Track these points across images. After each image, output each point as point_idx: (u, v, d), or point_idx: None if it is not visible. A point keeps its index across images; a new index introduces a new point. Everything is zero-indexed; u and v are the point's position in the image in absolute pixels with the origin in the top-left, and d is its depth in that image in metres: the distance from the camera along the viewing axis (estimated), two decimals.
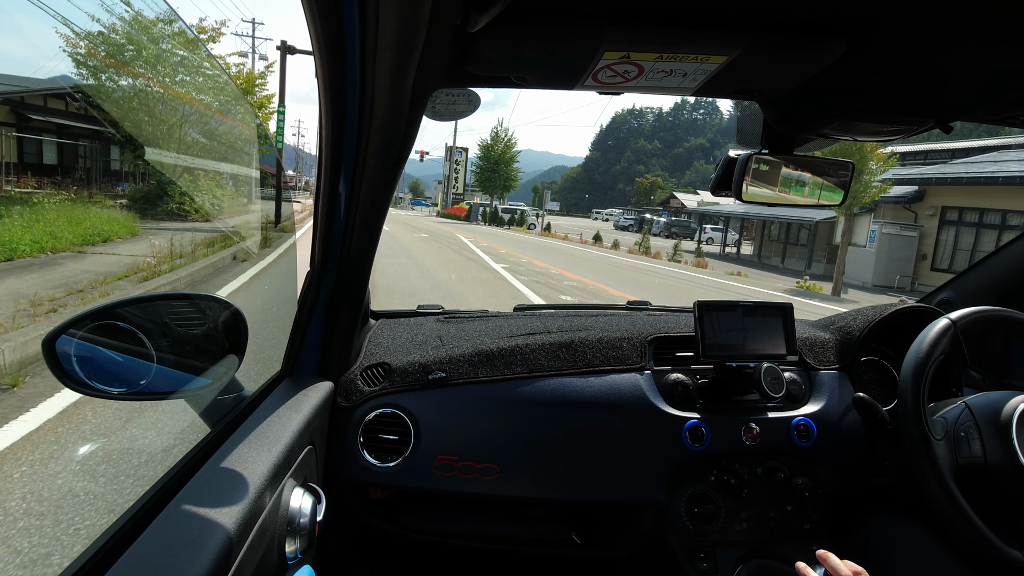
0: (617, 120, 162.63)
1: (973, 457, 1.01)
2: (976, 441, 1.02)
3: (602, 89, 0.96)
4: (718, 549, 1.23)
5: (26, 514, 2.00)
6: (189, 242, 7.47)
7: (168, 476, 0.71)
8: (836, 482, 1.29)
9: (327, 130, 0.87)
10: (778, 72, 0.89)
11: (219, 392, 0.92)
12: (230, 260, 7.45)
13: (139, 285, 5.22)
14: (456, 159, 51.79)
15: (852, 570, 0.86)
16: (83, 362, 0.68)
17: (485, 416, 1.19)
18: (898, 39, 0.79)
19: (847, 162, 1.09)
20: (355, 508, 1.25)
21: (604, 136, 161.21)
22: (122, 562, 0.54)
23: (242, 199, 13.02)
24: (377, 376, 1.22)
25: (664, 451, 1.20)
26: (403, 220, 33.01)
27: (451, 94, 1.09)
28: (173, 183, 10.93)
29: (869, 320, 1.40)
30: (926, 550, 1.14)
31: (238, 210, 12.62)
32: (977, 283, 1.52)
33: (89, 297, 4.60)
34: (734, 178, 1.05)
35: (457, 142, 53.89)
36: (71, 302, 4.37)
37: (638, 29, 0.75)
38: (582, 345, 1.28)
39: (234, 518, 0.62)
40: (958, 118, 0.99)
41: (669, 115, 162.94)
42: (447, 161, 52.20)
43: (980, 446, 1.01)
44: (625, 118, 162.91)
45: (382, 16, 0.66)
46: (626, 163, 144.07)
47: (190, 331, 0.84)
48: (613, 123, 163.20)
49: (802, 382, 1.34)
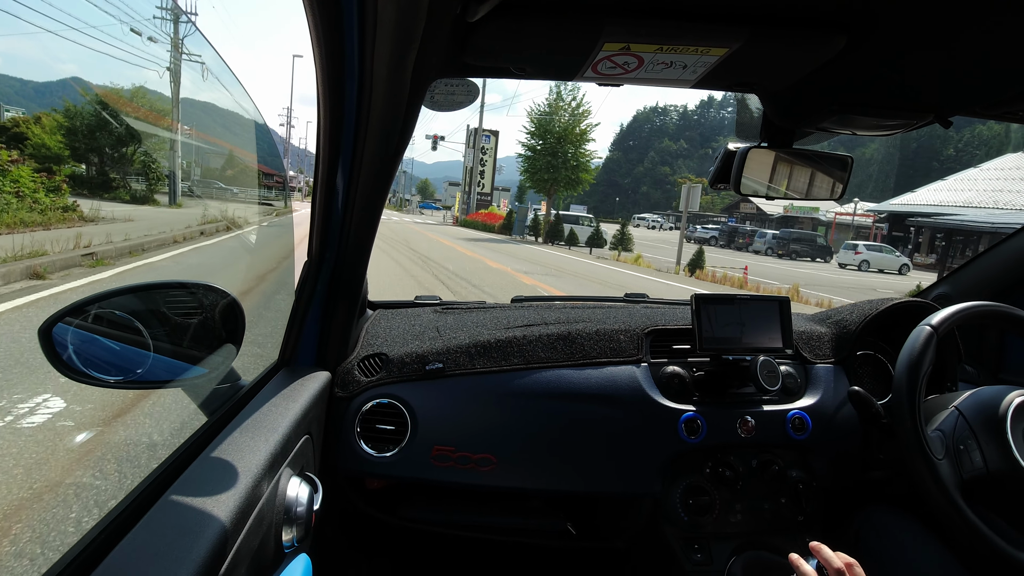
0: (639, 118, 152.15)
1: (976, 470, 1.01)
2: (976, 451, 1.02)
3: (602, 80, 0.96)
4: (713, 541, 1.24)
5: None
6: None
7: (165, 464, 0.71)
8: (830, 475, 1.30)
9: (325, 121, 0.87)
10: (778, 65, 0.89)
11: (216, 381, 0.92)
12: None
13: None
14: (483, 145, 36.07)
15: (845, 561, 0.87)
16: (79, 351, 0.68)
17: (482, 407, 1.19)
18: (898, 33, 0.78)
19: (846, 156, 1.09)
20: (352, 498, 1.25)
21: (625, 136, 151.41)
22: (118, 550, 0.54)
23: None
24: (374, 366, 1.22)
25: (660, 443, 1.21)
26: (403, 233, 20.36)
27: (450, 84, 1.09)
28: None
29: (865, 314, 1.40)
30: (918, 542, 1.15)
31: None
32: (974, 278, 1.52)
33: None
34: (732, 171, 1.05)
35: (484, 122, 36.20)
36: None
37: (638, 21, 0.75)
38: (579, 337, 1.28)
39: (231, 507, 0.62)
40: (957, 113, 0.99)
41: (695, 112, 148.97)
42: (469, 148, 36.20)
43: (980, 456, 1.01)
44: (648, 116, 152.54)
45: (381, 6, 0.65)
46: (650, 164, 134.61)
47: (187, 320, 0.84)
48: (635, 121, 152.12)
49: (798, 375, 1.34)
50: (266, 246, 7.98)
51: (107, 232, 7.34)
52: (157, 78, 11.18)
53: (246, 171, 12.31)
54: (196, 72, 8.03)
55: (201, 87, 11.73)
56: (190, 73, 8.16)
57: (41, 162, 9.99)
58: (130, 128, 11.73)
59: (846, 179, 1.11)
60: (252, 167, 11.56)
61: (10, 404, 2.68)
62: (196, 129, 10.52)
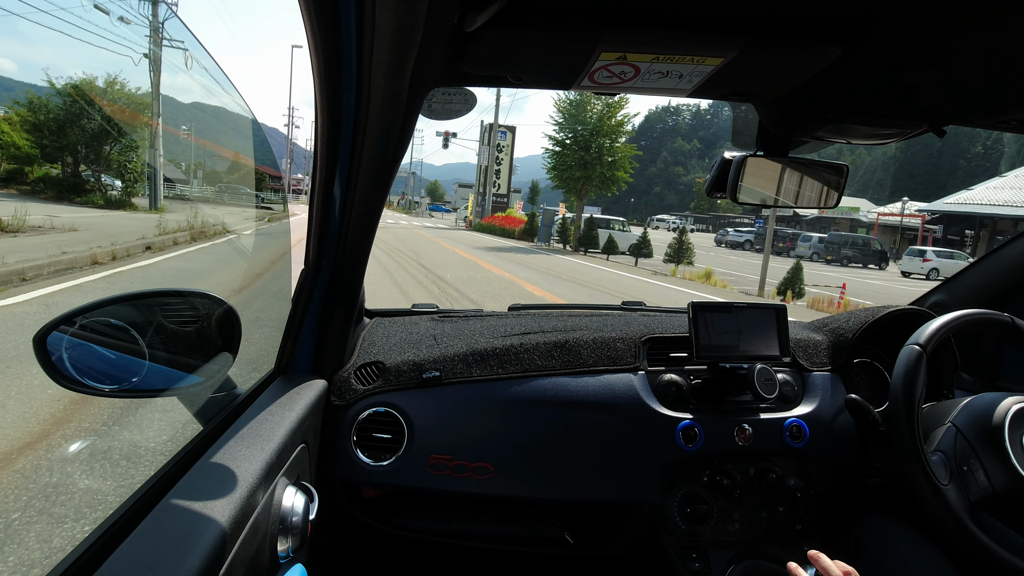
0: (651, 118, 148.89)
1: (982, 490, 1.01)
2: (979, 471, 1.01)
3: (598, 89, 0.96)
4: (710, 549, 1.23)
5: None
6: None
7: (160, 474, 0.71)
8: (828, 483, 1.30)
9: (323, 128, 0.87)
10: (773, 74, 0.90)
11: (212, 390, 0.92)
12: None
13: None
14: (499, 143, 34.02)
15: (843, 570, 0.87)
16: (74, 359, 0.68)
17: (479, 415, 1.19)
18: (892, 43, 0.79)
19: (842, 164, 1.10)
20: (348, 507, 1.24)
21: (636, 137, 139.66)
22: (112, 560, 0.53)
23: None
24: (371, 375, 1.22)
25: (657, 451, 1.21)
26: (412, 241, 17.48)
27: (447, 93, 1.09)
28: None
29: (862, 322, 1.40)
30: (916, 550, 1.14)
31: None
32: (970, 285, 1.53)
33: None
34: (729, 179, 1.05)
35: (500, 118, 33.43)
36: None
37: (635, 30, 0.76)
38: (576, 345, 1.28)
39: (226, 516, 0.61)
40: (951, 122, 1.00)
41: (708, 112, 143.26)
42: (484, 145, 34.29)
43: (984, 475, 1.01)
44: (660, 116, 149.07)
45: (379, 15, 0.66)
46: (663, 164, 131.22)
47: (183, 328, 0.84)
48: (647, 122, 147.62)
49: (795, 383, 1.34)
50: (243, 262, 6.91)
51: (26, 246, 5.77)
52: (133, 66, 10.21)
53: (241, 172, 11.84)
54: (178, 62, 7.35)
55: (182, 77, 10.95)
56: (172, 64, 7.50)
57: (14, 162, 9.18)
58: (106, 123, 10.48)
59: (841, 186, 1.11)
60: (246, 167, 11.07)
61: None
62: (177, 126, 9.83)
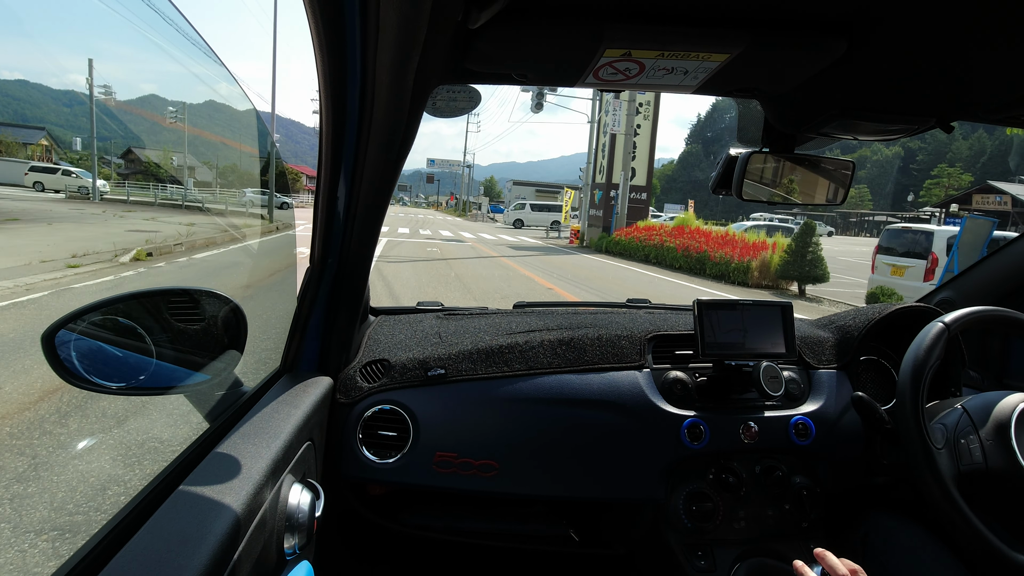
0: (719, 107, 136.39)
1: (974, 464, 1.01)
2: (976, 447, 1.02)
3: (603, 86, 0.96)
4: (716, 547, 1.23)
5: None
6: None
7: (167, 471, 0.71)
8: (834, 481, 1.29)
9: (327, 126, 0.87)
10: (779, 71, 0.89)
11: (219, 388, 0.92)
12: None
13: None
14: (638, 111, 19.31)
15: (849, 568, 0.87)
16: (82, 357, 0.68)
17: (484, 413, 1.19)
18: (899, 38, 0.79)
19: (848, 161, 1.09)
20: (354, 504, 1.25)
21: (702, 127, 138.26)
22: (120, 556, 0.54)
23: None
24: (376, 372, 1.22)
25: (663, 449, 1.21)
26: (487, 293, 8.13)
27: (452, 91, 1.09)
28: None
29: (868, 319, 1.40)
30: (923, 549, 1.14)
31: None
32: (977, 283, 1.52)
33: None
34: (734, 177, 1.05)
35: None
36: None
37: (639, 27, 0.75)
38: (581, 343, 1.28)
39: (233, 513, 0.62)
40: (959, 118, 0.99)
41: None
42: (613, 101, 18.99)
43: (980, 452, 1.01)
44: (727, 105, 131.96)
45: (383, 13, 0.66)
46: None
47: (190, 326, 0.84)
48: (714, 111, 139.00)
49: (801, 381, 1.34)
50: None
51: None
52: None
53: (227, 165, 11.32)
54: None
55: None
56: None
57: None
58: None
59: (848, 183, 1.11)
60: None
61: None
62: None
